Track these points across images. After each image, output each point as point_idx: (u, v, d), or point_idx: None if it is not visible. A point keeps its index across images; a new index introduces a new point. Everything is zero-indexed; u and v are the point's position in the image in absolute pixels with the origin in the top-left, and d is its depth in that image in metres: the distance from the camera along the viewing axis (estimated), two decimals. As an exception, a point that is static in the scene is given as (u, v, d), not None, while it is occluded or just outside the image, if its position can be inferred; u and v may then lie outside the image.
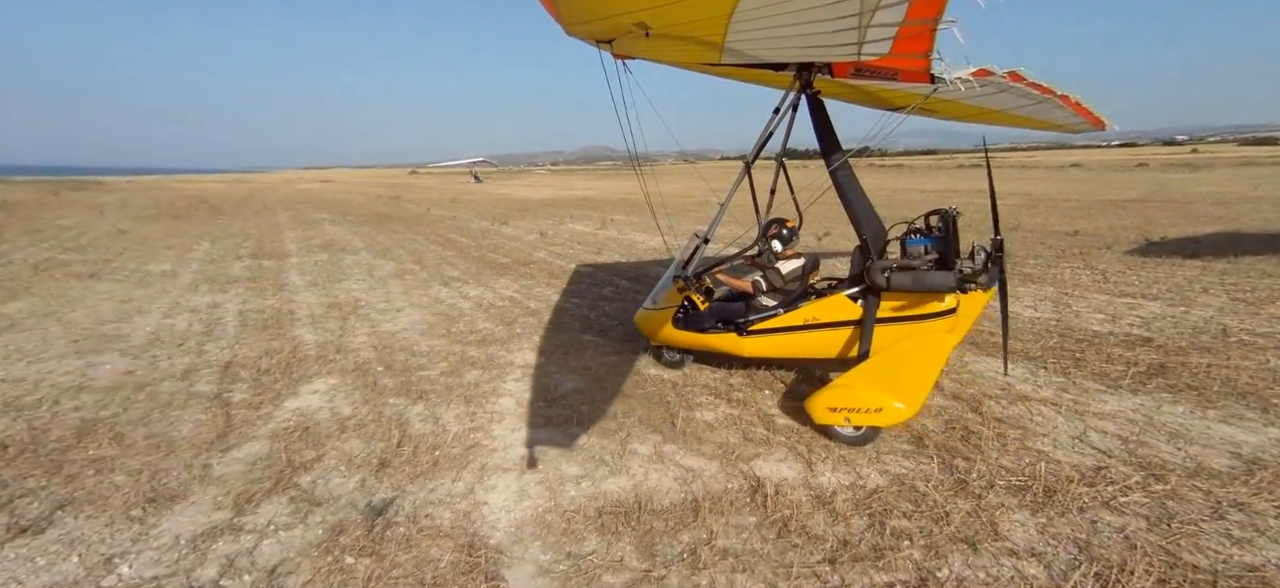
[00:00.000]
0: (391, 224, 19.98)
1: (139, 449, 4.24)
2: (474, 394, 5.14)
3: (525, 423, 4.56)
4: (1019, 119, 5.59)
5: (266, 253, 13.70)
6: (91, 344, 6.82)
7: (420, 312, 8.10)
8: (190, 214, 24.01)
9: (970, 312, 4.45)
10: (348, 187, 54.36)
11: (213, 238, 16.46)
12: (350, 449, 4.20)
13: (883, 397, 3.91)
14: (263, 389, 5.38)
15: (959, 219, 4.48)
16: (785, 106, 5.01)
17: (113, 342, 6.92)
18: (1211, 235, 12.58)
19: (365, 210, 25.74)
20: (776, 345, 4.94)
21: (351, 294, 9.28)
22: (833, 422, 4.13)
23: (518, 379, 5.48)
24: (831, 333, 4.67)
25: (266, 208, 27.49)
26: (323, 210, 25.88)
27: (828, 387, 4.23)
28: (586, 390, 5.15)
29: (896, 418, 3.91)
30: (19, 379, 5.66)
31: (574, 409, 4.78)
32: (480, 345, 6.51)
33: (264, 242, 15.68)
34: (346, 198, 35.69)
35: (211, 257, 13.17)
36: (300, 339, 6.91)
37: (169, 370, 5.91)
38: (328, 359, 6.20)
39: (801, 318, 4.77)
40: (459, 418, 4.67)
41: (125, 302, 8.92)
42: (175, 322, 7.79)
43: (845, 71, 4.50)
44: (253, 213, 24.83)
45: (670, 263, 5.86)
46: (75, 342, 6.94)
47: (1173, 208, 18.03)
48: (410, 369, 5.81)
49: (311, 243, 15.34)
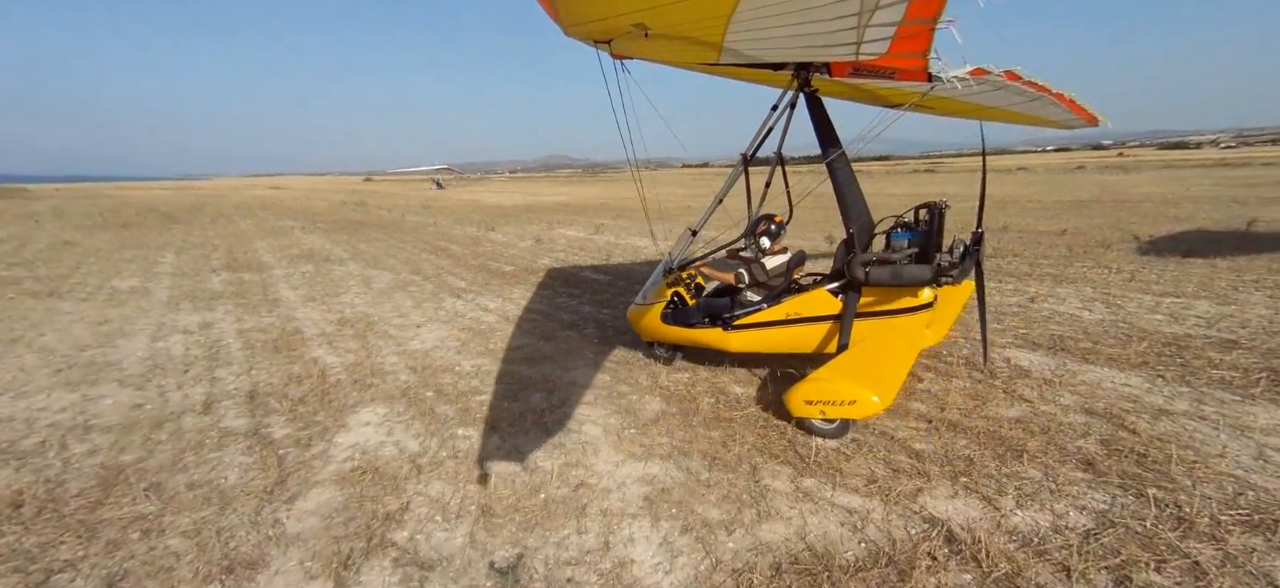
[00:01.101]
0: (369, 231, 19.01)
1: (185, 503, 3.61)
2: (550, 422, 4.64)
3: (626, 455, 4.09)
4: (1014, 116, 5.65)
5: (243, 265, 12.73)
6: (80, 374, 6.02)
7: (444, 327, 7.50)
8: (140, 223, 22.38)
9: (951, 305, 4.47)
10: (303, 193, 52.21)
11: (176, 249, 15.28)
12: (438, 494, 3.67)
13: (857, 390, 4.02)
14: (305, 422, 4.76)
15: (947, 212, 4.46)
16: (783, 105, 5.05)
17: (104, 370, 6.12)
18: (1186, 233, 12.89)
19: (334, 218, 24.54)
20: (760, 340, 4.97)
21: (358, 309, 8.59)
22: (809, 414, 4.20)
23: (591, 403, 4.99)
24: (813, 327, 4.70)
25: (223, 216, 25.93)
26: (288, 218, 24.55)
27: (804, 380, 4.31)
28: (676, 414, 4.70)
29: (870, 411, 4.02)
30: (7, 419, 4.88)
31: (672, 436, 4.33)
32: (531, 364, 5.99)
33: (235, 252, 14.61)
34: (308, 205, 34.11)
35: (182, 270, 12.14)
36: (323, 362, 6.25)
37: (185, 403, 5.21)
38: (365, 384, 5.59)
39: (784, 312, 4.79)
40: (548, 452, 4.16)
41: (101, 323, 8.02)
42: (169, 345, 7.00)
43: (843, 71, 4.50)
44: (209, 221, 23.35)
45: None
46: (59, 371, 6.11)
47: (1130, 207, 18.55)
48: (464, 394, 5.27)
49: (289, 253, 14.37)
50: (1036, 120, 5.90)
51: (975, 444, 4.05)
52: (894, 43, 3.02)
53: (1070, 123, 5.95)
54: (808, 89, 4.75)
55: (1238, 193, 21.52)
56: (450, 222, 22.12)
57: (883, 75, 4.32)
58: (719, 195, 5.71)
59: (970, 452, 3.95)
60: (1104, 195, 23.57)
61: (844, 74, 4.59)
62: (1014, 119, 5.87)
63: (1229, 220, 14.56)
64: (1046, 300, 7.65)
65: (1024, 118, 5.76)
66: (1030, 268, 9.79)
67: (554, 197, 39.33)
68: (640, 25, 3.45)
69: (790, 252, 5.35)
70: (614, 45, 4.14)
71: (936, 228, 4.36)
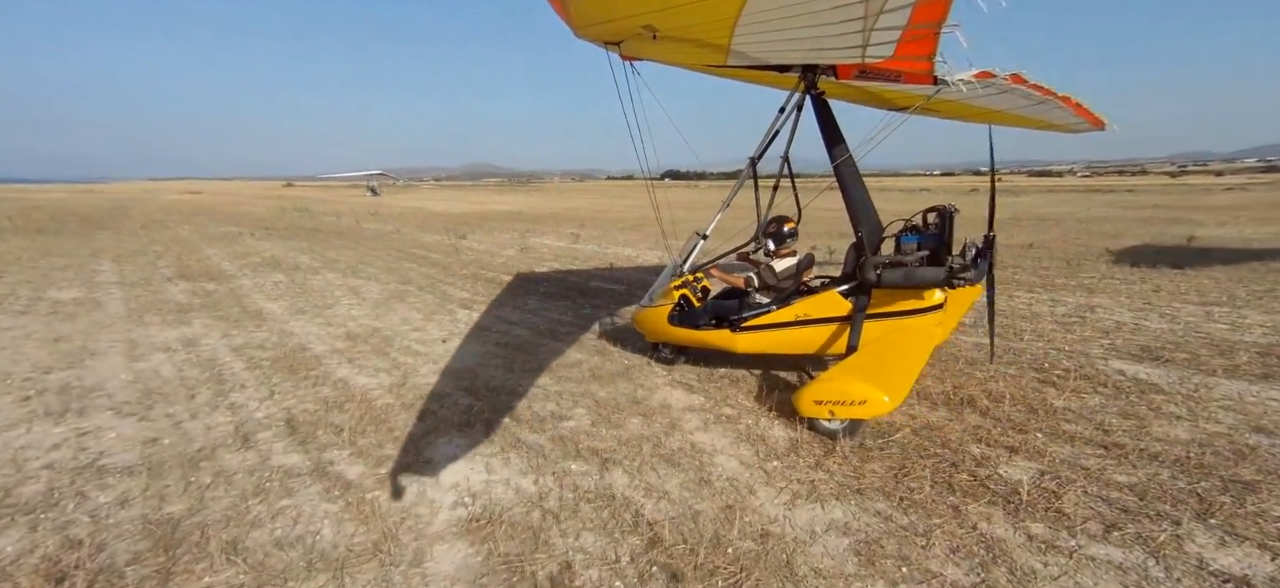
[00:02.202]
0: (329, 239, 17.65)
1: (285, 570, 2.88)
2: (670, 452, 4.10)
3: (790, 494, 3.55)
4: (1019, 119, 5.75)
5: (200, 273, 11.42)
6: (56, 401, 5.02)
7: (475, 343, 6.80)
8: (55, 228, 20.01)
9: (959, 306, 4.61)
10: (227, 198, 48.66)
11: (113, 256, 13.61)
12: (596, 549, 3.06)
13: (867, 389, 4.02)
14: (373, 457, 4.05)
15: (956, 215, 4.50)
16: (790, 107, 5.11)
17: (86, 396, 5.14)
18: (1141, 248, 13.48)
19: (281, 224, 22.76)
20: (769, 341, 4.97)
21: (361, 322, 7.74)
22: (818, 415, 4.21)
23: (704, 429, 4.47)
24: (823, 328, 4.70)
25: (154, 221, 23.61)
26: (227, 224, 22.60)
27: (814, 380, 4.34)
28: (813, 441, 4.21)
29: (880, 410, 4.01)
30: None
31: (827, 470, 3.83)
32: (600, 383, 5.42)
33: (185, 260, 13.15)
34: (243, 210, 31.69)
35: (129, 279, 10.75)
36: (355, 383, 5.48)
37: (211, 435, 4.37)
38: (415, 407, 4.89)
39: (793, 314, 4.80)
40: (695, 491, 3.60)
41: (57, 341, 6.86)
42: (154, 365, 6.00)
43: (849, 73, 4.52)
44: (138, 226, 21.17)
45: None
46: (27, 399, 5.09)
47: (1062, 226, 19.27)
48: (544, 419, 4.65)
49: (249, 261, 13.05)
50: (1042, 124, 5.97)
51: (1182, 474, 3.70)
52: (900, 45, 3.05)
53: (1076, 126, 6.01)
54: (814, 91, 4.73)
55: (1138, 215, 23.03)
56: (412, 229, 20.93)
57: (889, 78, 4.37)
58: (727, 199, 5.72)
59: (1185, 483, 3.59)
60: (1024, 215, 24.48)
61: (850, 76, 4.60)
62: (1019, 123, 5.96)
63: (1161, 237, 15.54)
64: (1100, 311, 7.71)
65: (1029, 121, 5.85)
66: (1041, 279, 9.94)
67: (501, 205, 38.12)
68: (649, 27, 3.50)
69: (799, 255, 5.33)
70: (623, 47, 4.18)
71: (948, 231, 4.40)
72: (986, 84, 3.98)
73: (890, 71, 4.08)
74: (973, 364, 5.75)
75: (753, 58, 4.13)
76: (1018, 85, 4.12)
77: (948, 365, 5.70)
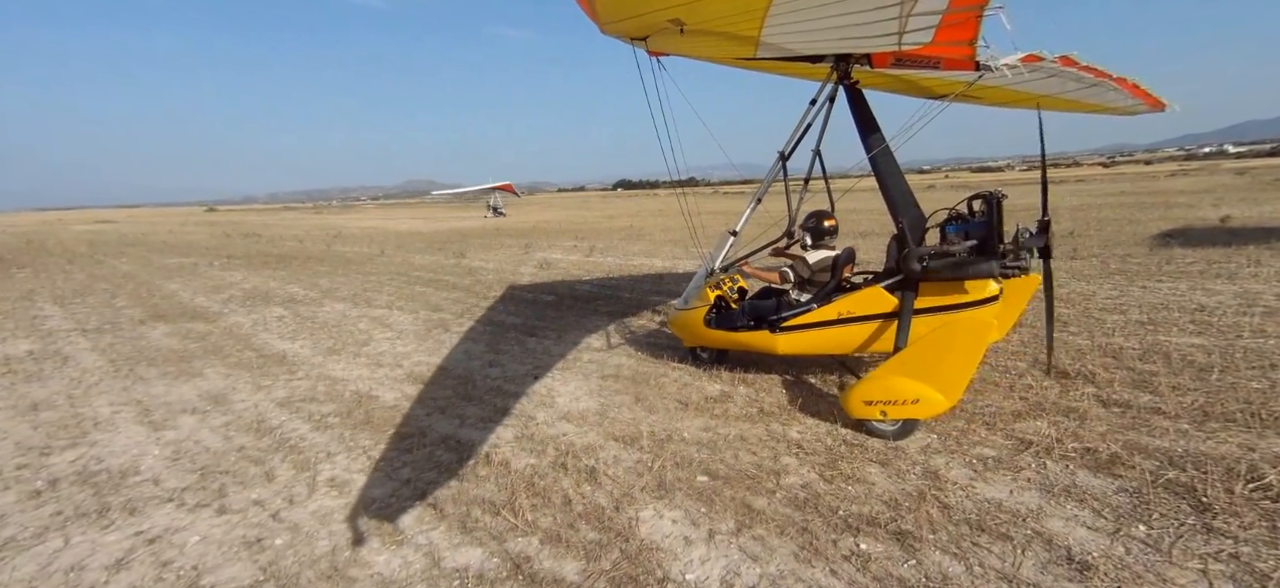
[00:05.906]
0: (307, 265, 15.95)
1: None
2: (865, 519, 3.30)
3: (1038, 565, 2.87)
4: (1071, 103, 5.56)
5: (175, 313, 9.82)
6: (88, 496, 3.78)
7: (581, 380, 5.72)
8: (-36, 268, 17.39)
9: (1018, 298, 4.37)
10: (150, 226, 44.53)
11: (52, 298, 11.65)
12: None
13: (919, 388, 3.78)
14: (576, 545, 3.06)
15: (1004, 202, 4.21)
16: (822, 98, 4.96)
17: (122, 485, 3.92)
18: (1180, 231, 13.49)
19: (238, 252, 20.61)
20: (811, 342, 4.78)
21: (416, 359, 6.61)
22: (868, 415, 3.98)
23: (889, 475, 3.68)
24: (866, 326, 4.49)
25: (80, 255, 20.94)
26: (172, 255, 20.28)
27: (863, 379, 4.11)
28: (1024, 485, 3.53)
29: (935, 410, 3.81)
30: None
31: (1040, 527, 3.15)
32: (750, 422, 4.50)
33: (146, 298, 11.39)
34: (182, 239, 28.88)
35: (89, 325, 9.06)
36: (463, 439, 4.44)
37: (332, 529, 3.28)
38: (575, 469, 3.88)
39: (836, 312, 4.59)
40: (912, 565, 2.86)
41: (35, 409, 5.47)
42: (189, 433, 4.77)
43: (885, 62, 4.36)
44: (64, 263, 18.64)
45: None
46: (37, 493, 3.82)
47: (1088, 213, 19.33)
48: (732, 478, 3.75)
49: (230, 295, 11.44)
50: (1096, 108, 5.77)
51: None
52: (939, 31, 2.93)
53: (1133, 109, 5.81)
54: (847, 81, 4.57)
55: (1138, 202, 23.59)
56: (398, 250, 19.34)
57: (927, 65, 4.19)
58: (758, 195, 5.59)
59: None
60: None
61: (886, 65, 4.45)
62: (1071, 107, 5.74)
63: (1190, 219, 15.72)
64: (1197, 294, 7.44)
65: (1082, 105, 5.63)
66: (1119, 266, 9.62)
67: (462, 222, 36.23)
68: (676, 21, 3.39)
69: (836, 248, 5.15)
70: (650, 42, 4.05)
71: (995, 218, 4.11)
72: (1034, 68, 3.81)
73: (928, 58, 3.89)
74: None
75: (783, 49, 3.99)
76: (1068, 68, 3.93)
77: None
